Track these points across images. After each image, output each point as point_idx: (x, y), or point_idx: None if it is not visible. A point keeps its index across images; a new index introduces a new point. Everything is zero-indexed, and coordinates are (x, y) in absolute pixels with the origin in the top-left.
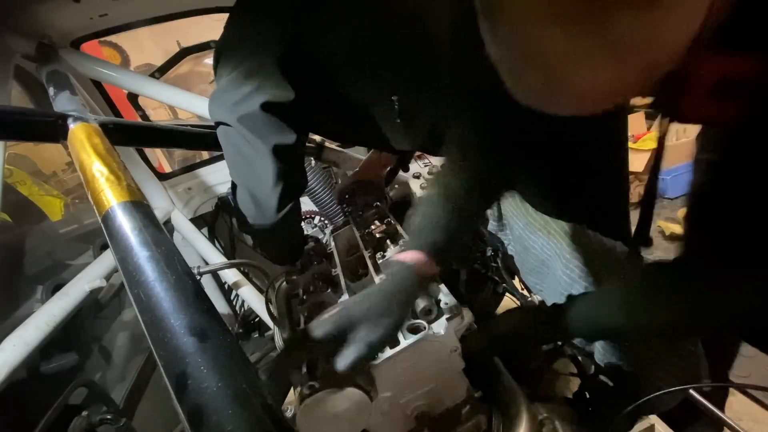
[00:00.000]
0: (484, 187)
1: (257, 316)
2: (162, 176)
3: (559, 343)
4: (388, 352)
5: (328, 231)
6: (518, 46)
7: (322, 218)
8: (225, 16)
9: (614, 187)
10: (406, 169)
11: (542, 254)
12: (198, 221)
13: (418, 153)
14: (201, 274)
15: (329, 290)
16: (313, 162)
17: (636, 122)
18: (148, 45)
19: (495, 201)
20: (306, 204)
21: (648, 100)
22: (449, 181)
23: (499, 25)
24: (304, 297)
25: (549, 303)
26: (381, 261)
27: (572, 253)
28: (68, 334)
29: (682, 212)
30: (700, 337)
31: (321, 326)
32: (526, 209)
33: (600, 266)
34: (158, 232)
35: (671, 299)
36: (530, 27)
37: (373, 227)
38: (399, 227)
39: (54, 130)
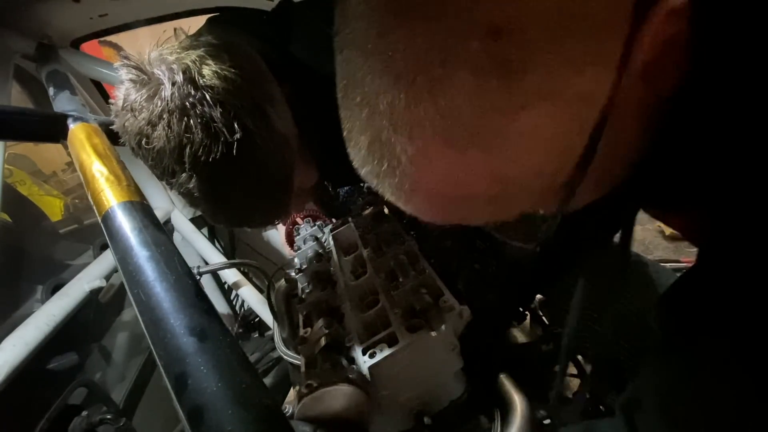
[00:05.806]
0: None
1: (257, 316)
2: None
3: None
4: (387, 351)
5: (327, 230)
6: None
7: (321, 217)
8: None
9: None
10: None
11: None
12: (198, 221)
13: None
14: (201, 274)
15: (328, 289)
16: None
17: None
18: (148, 45)
19: None
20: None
21: None
22: None
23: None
24: (303, 297)
25: (549, 302)
26: (379, 260)
27: None
28: (68, 334)
29: None
30: None
31: None
32: None
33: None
34: (158, 232)
35: None
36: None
37: (371, 227)
38: (397, 226)
39: (54, 130)
